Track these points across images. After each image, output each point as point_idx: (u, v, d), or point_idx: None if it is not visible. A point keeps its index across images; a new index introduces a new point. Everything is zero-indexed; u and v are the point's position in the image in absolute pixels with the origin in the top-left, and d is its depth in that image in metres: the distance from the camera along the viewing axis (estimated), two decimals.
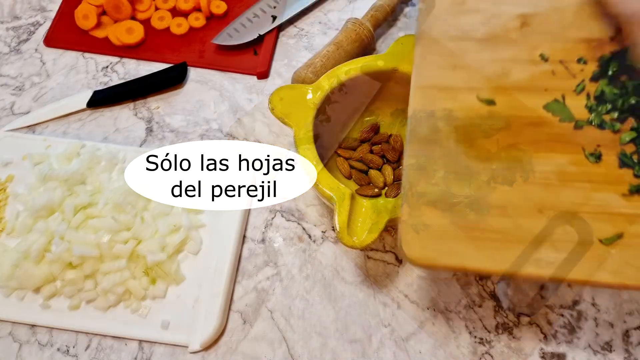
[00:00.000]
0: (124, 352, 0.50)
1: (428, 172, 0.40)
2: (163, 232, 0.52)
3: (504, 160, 0.40)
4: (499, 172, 0.40)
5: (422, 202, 0.39)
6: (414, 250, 0.38)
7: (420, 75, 0.45)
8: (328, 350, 0.49)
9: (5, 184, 0.56)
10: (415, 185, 0.40)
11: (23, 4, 0.71)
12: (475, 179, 0.40)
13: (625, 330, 0.50)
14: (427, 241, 0.38)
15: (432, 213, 0.39)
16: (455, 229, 0.38)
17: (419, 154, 0.41)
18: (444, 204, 0.39)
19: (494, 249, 0.38)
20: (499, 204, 0.39)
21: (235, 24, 0.65)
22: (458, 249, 0.38)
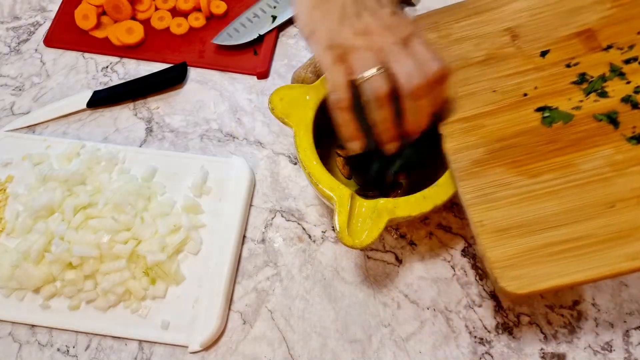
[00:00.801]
0: (124, 352, 0.50)
1: (488, 203, 0.40)
2: (163, 232, 0.52)
3: (555, 168, 0.40)
4: (555, 180, 0.40)
5: (495, 233, 0.39)
6: (509, 282, 0.37)
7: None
8: (328, 351, 0.49)
9: (5, 184, 0.56)
10: (483, 219, 0.40)
11: (23, 4, 0.71)
12: (534, 195, 0.40)
13: (625, 330, 0.50)
14: (517, 270, 0.38)
15: (508, 241, 0.39)
16: (537, 249, 0.38)
17: (473, 189, 0.41)
18: (515, 228, 0.39)
19: (582, 257, 0.37)
20: (567, 210, 0.39)
21: (235, 24, 0.65)
22: (549, 268, 0.37)
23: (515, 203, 0.40)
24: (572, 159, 0.40)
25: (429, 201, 0.44)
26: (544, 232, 0.38)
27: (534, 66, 0.45)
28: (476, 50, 0.47)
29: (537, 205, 0.39)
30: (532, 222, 0.39)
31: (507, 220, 0.39)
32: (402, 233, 0.55)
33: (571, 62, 0.44)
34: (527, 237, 0.39)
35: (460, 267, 0.53)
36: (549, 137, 0.42)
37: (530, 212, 0.39)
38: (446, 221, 0.55)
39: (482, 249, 0.39)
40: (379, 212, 0.43)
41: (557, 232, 0.38)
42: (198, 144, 0.60)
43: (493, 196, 0.40)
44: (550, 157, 0.41)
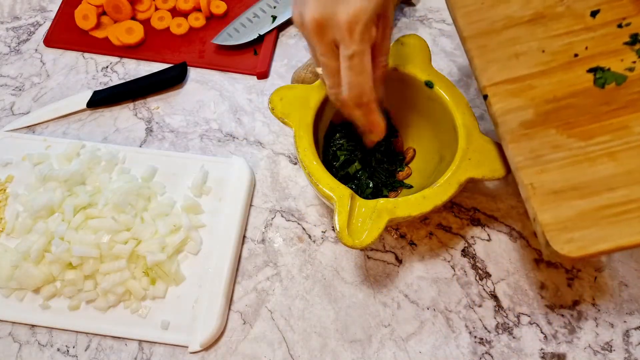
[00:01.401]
0: (124, 352, 0.50)
1: (539, 166, 0.40)
2: (163, 233, 0.52)
3: (610, 130, 0.40)
4: (611, 142, 0.39)
5: (547, 196, 0.39)
6: (563, 246, 0.37)
7: (487, 75, 0.44)
8: (328, 351, 0.49)
9: (5, 184, 0.56)
10: (534, 181, 0.39)
11: (23, 4, 0.71)
12: (589, 158, 0.39)
13: (625, 330, 0.50)
14: (570, 233, 0.37)
15: (561, 204, 0.38)
16: (592, 211, 0.38)
17: (523, 151, 0.41)
18: (569, 190, 0.39)
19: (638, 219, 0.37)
20: (625, 172, 0.38)
21: (235, 24, 0.65)
22: (606, 231, 0.37)
23: (569, 165, 0.39)
24: (627, 121, 0.40)
25: (429, 201, 0.44)
26: (600, 195, 0.38)
27: (584, 26, 0.44)
28: (524, 9, 0.46)
29: (592, 168, 0.39)
30: (587, 184, 0.38)
31: (559, 182, 0.39)
32: (402, 233, 0.55)
33: (622, 23, 0.43)
34: (581, 199, 0.38)
35: (460, 267, 0.53)
36: (602, 98, 0.41)
37: (585, 175, 0.39)
38: (446, 221, 0.55)
39: (532, 212, 0.39)
40: (379, 212, 0.43)
41: (614, 194, 0.38)
42: (198, 144, 0.60)
43: (545, 158, 0.40)
44: (604, 119, 0.40)
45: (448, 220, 0.55)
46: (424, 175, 0.53)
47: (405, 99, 0.53)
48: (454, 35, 0.66)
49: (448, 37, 0.66)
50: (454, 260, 0.53)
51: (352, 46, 0.36)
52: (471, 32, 0.46)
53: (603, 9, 0.44)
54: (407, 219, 0.44)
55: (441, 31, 0.67)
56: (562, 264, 0.53)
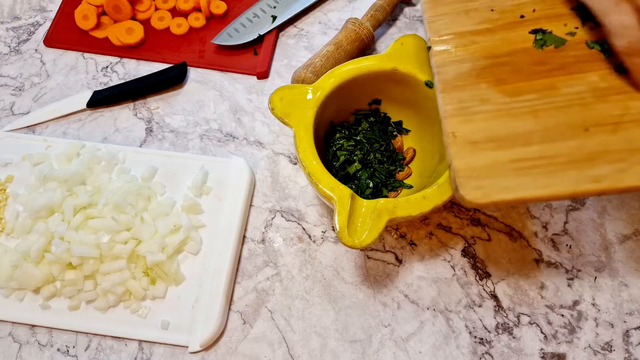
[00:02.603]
0: (124, 352, 0.50)
1: (465, 116, 0.41)
2: (163, 233, 0.52)
3: (538, 89, 0.41)
4: (536, 101, 0.41)
5: (465, 145, 0.40)
6: (470, 192, 0.38)
7: (436, 27, 0.46)
8: (328, 351, 0.49)
9: (5, 184, 0.56)
10: (456, 130, 0.41)
11: (23, 4, 0.71)
12: (512, 113, 0.40)
13: (625, 330, 0.50)
14: (479, 181, 0.38)
15: (477, 153, 0.39)
16: (504, 163, 0.39)
17: (452, 101, 0.42)
18: (487, 142, 0.40)
19: (548, 174, 0.38)
20: (542, 129, 0.39)
21: (235, 24, 0.65)
22: (512, 182, 0.38)
23: (492, 119, 0.41)
24: (556, 82, 0.41)
25: (429, 201, 0.44)
26: (514, 148, 0.39)
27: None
28: None
29: (512, 123, 0.40)
30: (505, 137, 0.40)
31: (480, 133, 0.40)
32: (402, 233, 0.55)
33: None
34: (496, 151, 0.39)
35: (460, 267, 0.53)
36: (537, 59, 0.42)
37: (505, 128, 0.40)
38: (446, 221, 0.55)
39: (449, 159, 0.40)
40: (379, 212, 0.43)
41: (528, 149, 0.39)
42: (198, 144, 0.60)
43: (471, 110, 0.41)
44: (535, 78, 0.42)
45: (448, 220, 0.55)
46: (424, 175, 0.53)
47: (405, 99, 0.53)
48: None
49: None
50: (454, 260, 0.53)
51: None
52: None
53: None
54: (407, 219, 0.44)
55: None
56: (562, 264, 0.53)
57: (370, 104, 0.57)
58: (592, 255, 0.53)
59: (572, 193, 0.37)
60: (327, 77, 0.50)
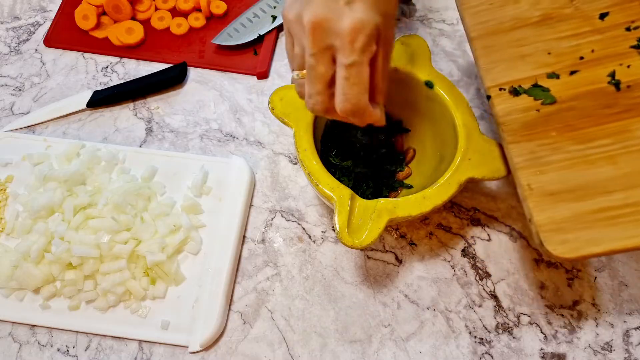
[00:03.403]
0: (124, 352, 0.50)
1: (537, 167, 0.40)
2: (163, 233, 0.52)
3: (611, 133, 0.40)
4: (610, 146, 0.39)
5: (543, 197, 0.39)
6: (556, 246, 0.37)
7: (491, 75, 0.44)
8: (328, 351, 0.49)
9: (5, 184, 0.56)
10: (531, 182, 0.39)
11: (23, 4, 0.71)
12: (587, 160, 0.39)
13: (625, 330, 0.50)
14: (564, 234, 0.37)
15: (557, 205, 0.38)
16: (587, 214, 0.38)
17: (523, 152, 0.41)
18: (565, 192, 0.39)
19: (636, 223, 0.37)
20: (622, 175, 0.38)
21: (235, 24, 0.65)
22: (599, 233, 0.37)
23: (567, 167, 0.39)
24: (629, 125, 0.40)
25: (429, 201, 0.44)
26: (596, 198, 0.38)
27: (592, 28, 0.44)
28: (533, 9, 0.46)
29: (589, 170, 0.39)
30: (584, 186, 0.38)
31: (557, 184, 0.39)
32: (402, 233, 0.55)
33: (631, 26, 0.43)
34: (577, 201, 0.38)
35: (460, 267, 0.53)
36: (604, 102, 0.41)
37: (582, 177, 0.39)
38: (446, 221, 0.55)
39: (528, 213, 0.39)
40: (379, 212, 0.43)
41: (610, 198, 0.38)
42: (198, 144, 0.60)
43: (544, 160, 0.40)
44: (605, 122, 0.40)
45: (448, 220, 0.55)
46: (424, 175, 0.53)
47: (405, 99, 0.53)
48: (454, 35, 0.66)
49: (448, 37, 0.66)
50: (454, 260, 0.53)
51: (352, 56, 0.35)
52: (478, 32, 0.46)
53: (612, 11, 0.44)
54: (407, 219, 0.44)
55: (441, 31, 0.67)
56: (562, 264, 0.53)
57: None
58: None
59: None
60: None
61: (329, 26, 0.35)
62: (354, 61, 0.35)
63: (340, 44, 0.35)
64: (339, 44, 0.35)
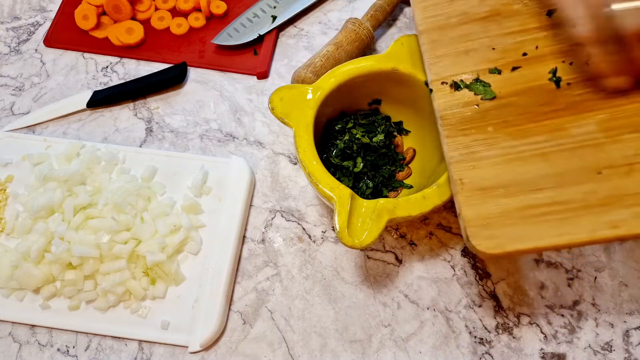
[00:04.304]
0: (124, 352, 0.50)
1: (472, 162, 0.40)
2: (163, 233, 0.52)
3: (546, 131, 0.40)
4: (544, 143, 0.39)
5: (474, 192, 0.39)
6: (482, 242, 0.37)
7: (435, 69, 0.45)
8: (328, 351, 0.49)
9: (5, 184, 0.56)
10: (463, 177, 0.39)
11: (23, 4, 0.71)
12: (521, 157, 0.39)
13: (625, 330, 0.50)
14: (491, 230, 0.37)
15: (487, 201, 0.38)
16: (516, 210, 0.37)
17: (459, 146, 0.41)
18: (496, 188, 0.38)
19: (563, 221, 0.37)
20: (553, 174, 0.38)
21: (235, 24, 0.65)
22: (526, 230, 0.37)
23: (500, 163, 0.39)
24: (564, 123, 0.40)
25: (429, 201, 0.44)
26: (526, 195, 0.38)
27: (539, 25, 0.43)
28: (481, 5, 0.45)
29: (522, 167, 0.39)
30: (515, 183, 0.38)
31: (489, 180, 0.39)
32: (402, 233, 0.55)
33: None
34: (507, 198, 0.38)
35: (460, 267, 0.53)
36: (544, 99, 0.41)
37: (514, 174, 0.39)
38: (446, 221, 0.55)
39: (458, 207, 0.39)
40: (379, 212, 0.43)
41: (539, 195, 0.38)
42: (198, 144, 0.60)
43: (478, 155, 0.40)
44: (542, 119, 0.40)
45: (448, 220, 0.55)
46: (424, 175, 0.53)
47: (406, 99, 0.53)
48: None
49: None
50: (454, 260, 0.53)
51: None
52: (426, 26, 0.46)
53: (559, 8, 0.43)
54: (407, 219, 0.44)
55: None
56: (562, 264, 0.53)
57: (370, 104, 0.57)
58: (592, 255, 0.53)
59: (590, 240, 0.36)
60: (327, 77, 0.50)
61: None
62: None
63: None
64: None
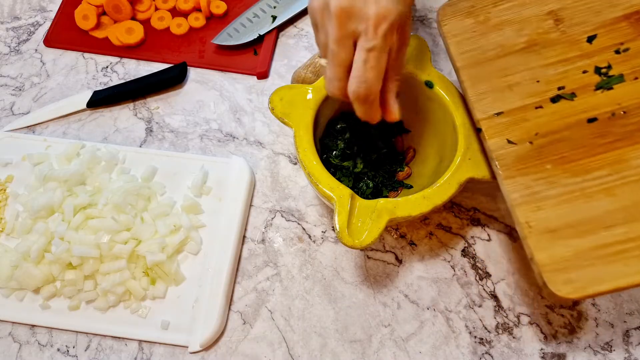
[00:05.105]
0: (124, 352, 0.50)
1: (535, 203, 0.38)
2: (163, 233, 0.52)
3: (606, 164, 0.38)
4: (607, 177, 0.38)
5: (543, 235, 0.37)
6: (560, 287, 0.36)
7: (480, 107, 0.43)
8: (328, 351, 0.49)
9: (5, 184, 0.56)
10: (530, 219, 0.38)
11: (23, 4, 0.71)
12: (586, 194, 0.38)
13: (625, 330, 0.50)
14: (568, 273, 0.36)
15: (557, 243, 0.37)
16: (589, 250, 0.36)
17: (519, 187, 0.39)
18: (565, 228, 0.37)
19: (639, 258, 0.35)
20: (622, 208, 0.37)
21: (235, 24, 0.65)
22: (603, 271, 0.35)
23: (565, 202, 0.38)
24: (624, 154, 0.38)
25: (429, 201, 0.44)
26: (596, 233, 0.36)
27: (580, 53, 0.42)
28: (517, 36, 0.44)
29: (588, 204, 0.37)
30: (583, 222, 0.37)
31: (556, 220, 0.37)
32: (402, 233, 0.55)
33: (620, 48, 0.41)
34: (578, 238, 0.37)
35: (460, 267, 0.53)
36: (598, 130, 0.39)
37: (581, 212, 0.37)
38: (446, 221, 0.55)
39: (529, 252, 0.37)
40: (379, 212, 0.43)
41: (612, 232, 0.36)
42: (198, 144, 0.60)
43: (540, 195, 0.38)
44: (600, 152, 0.39)
45: (448, 220, 0.55)
46: (424, 175, 0.53)
47: (405, 99, 0.53)
48: None
49: None
50: (454, 260, 0.53)
51: (374, 40, 0.36)
52: (464, 62, 0.45)
53: (600, 34, 0.42)
54: (407, 219, 0.44)
55: None
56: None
57: None
58: None
59: None
60: None
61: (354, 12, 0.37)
62: (375, 46, 0.37)
63: (364, 28, 0.37)
64: (363, 28, 0.37)
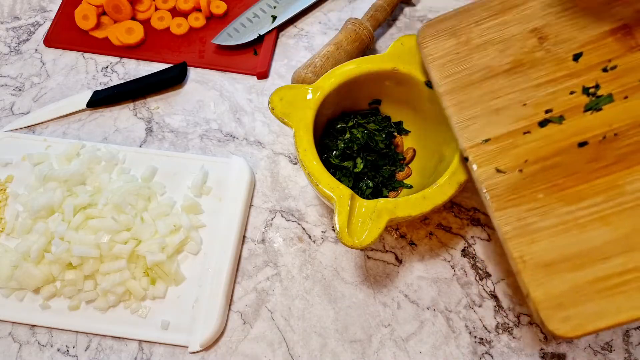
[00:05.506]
0: (124, 352, 0.50)
1: (528, 235, 0.37)
2: (163, 233, 0.52)
3: (600, 190, 0.36)
4: (602, 204, 0.36)
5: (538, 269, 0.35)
6: (559, 325, 0.34)
7: (466, 134, 0.41)
8: (328, 351, 0.49)
9: (5, 184, 0.56)
10: (524, 254, 0.36)
11: (23, 4, 0.71)
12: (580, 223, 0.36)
13: (625, 330, 0.50)
14: (565, 310, 0.34)
15: (553, 277, 0.35)
16: (587, 284, 0.34)
17: (510, 219, 0.37)
18: (561, 262, 0.35)
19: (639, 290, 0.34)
20: (618, 238, 0.35)
21: (235, 24, 0.65)
22: (603, 305, 0.34)
23: (559, 233, 0.36)
24: (618, 179, 0.36)
25: (429, 201, 0.44)
26: (593, 265, 0.35)
27: (567, 72, 0.40)
28: (502, 56, 0.41)
29: (583, 235, 0.35)
30: (579, 254, 0.35)
31: (551, 253, 0.35)
32: (402, 233, 0.55)
33: (608, 66, 0.39)
34: (574, 271, 0.35)
35: (460, 267, 0.53)
36: (590, 155, 0.37)
37: (577, 243, 0.35)
38: (446, 221, 0.55)
39: (524, 288, 0.35)
40: (379, 212, 0.43)
41: (608, 264, 0.34)
42: (198, 144, 0.60)
43: (534, 227, 0.36)
44: (593, 177, 0.37)
45: (448, 220, 0.55)
46: (424, 175, 0.53)
47: (406, 99, 0.53)
48: None
49: None
50: (454, 260, 0.53)
51: None
52: (447, 86, 0.42)
53: (586, 51, 0.40)
54: (407, 219, 0.44)
55: None
56: None
57: (371, 104, 0.57)
58: None
59: None
60: (327, 77, 0.50)
61: None
62: None
63: None
64: None
